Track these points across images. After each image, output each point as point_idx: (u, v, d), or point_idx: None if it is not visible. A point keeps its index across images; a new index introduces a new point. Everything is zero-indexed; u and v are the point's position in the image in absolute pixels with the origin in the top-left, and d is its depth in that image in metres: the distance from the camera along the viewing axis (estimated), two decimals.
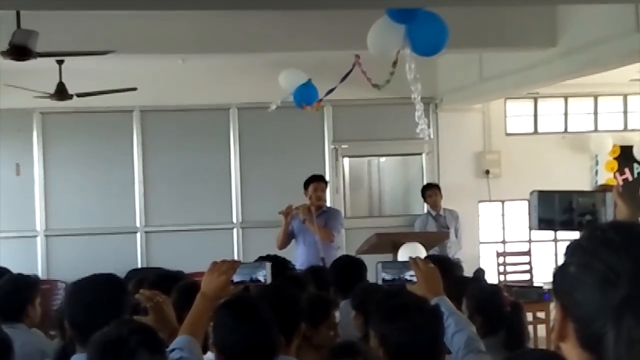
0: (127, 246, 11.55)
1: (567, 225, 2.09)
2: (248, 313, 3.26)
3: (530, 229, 2.34)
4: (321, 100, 9.60)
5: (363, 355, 3.41)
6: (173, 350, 3.16)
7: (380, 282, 3.52)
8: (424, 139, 7.51)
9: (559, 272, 1.50)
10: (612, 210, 2.32)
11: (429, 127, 6.90)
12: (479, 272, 8.13)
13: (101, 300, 3.40)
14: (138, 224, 11.63)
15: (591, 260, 1.43)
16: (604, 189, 2.43)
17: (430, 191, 11.37)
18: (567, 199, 2.29)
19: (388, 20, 6.37)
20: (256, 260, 4.73)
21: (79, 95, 9.41)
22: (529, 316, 8.64)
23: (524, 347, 4.54)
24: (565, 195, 2.33)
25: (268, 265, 3.40)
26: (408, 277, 3.49)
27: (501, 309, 4.63)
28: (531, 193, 2.29)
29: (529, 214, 2.29)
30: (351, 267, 6.07)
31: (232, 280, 3.34)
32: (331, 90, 9.20)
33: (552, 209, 2.24)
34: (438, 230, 10.89)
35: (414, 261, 3.52)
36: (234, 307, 3.29)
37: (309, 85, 9.48)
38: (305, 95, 9.51)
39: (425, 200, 11.44)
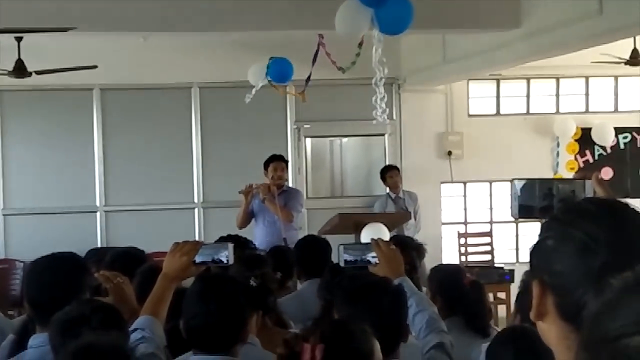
0: (86, 226, 11.45)
1: (547, 211, 2.10)
2: (212, 288, 3.25)
3: (512, 216, 2.37)
4: (304, 91, 9.52)
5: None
6: (135, 330, 3.14)
7: (342, 263, 3.52)
8: (384, 123, 7.50)
9: (536, 249, 1.50)
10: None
11: (387, 110, 6.87)
12: None
13: (61, 280, 3.36)
14: (98, 204, 11.53)
15: (569, 230, 1.44)
16: (584, 176, 2.44)
17: (390, 172, 11.34)
18: (548, 186, 2.31)
19: (356, 1, 6.31)
20: (217, 241, 4.71)
21: (38, 72, 9.27)
22: (490, 297, 8.70)
23: (486, 325, 4.58)
24: (546, 182, 2.35)
25: (230, 246, 3.39)
26: (370, 259, 3.50)
27: (462, 289, 4.66)
28: (512, 181, 2.31)
29: (511, 201, 2.31)
30: (315, 248, 6.02)
31: (195, 261, 3.32)
32: (309, 78, 9.15)
33: (533, 196, 2.26)
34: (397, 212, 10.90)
35: (375, 243, 3.54)
36: (203, 280, 3.30)
37: (279, 61, 9.40)
38: (281, 70, 9.43)
39: (384, 182, 11.40)
